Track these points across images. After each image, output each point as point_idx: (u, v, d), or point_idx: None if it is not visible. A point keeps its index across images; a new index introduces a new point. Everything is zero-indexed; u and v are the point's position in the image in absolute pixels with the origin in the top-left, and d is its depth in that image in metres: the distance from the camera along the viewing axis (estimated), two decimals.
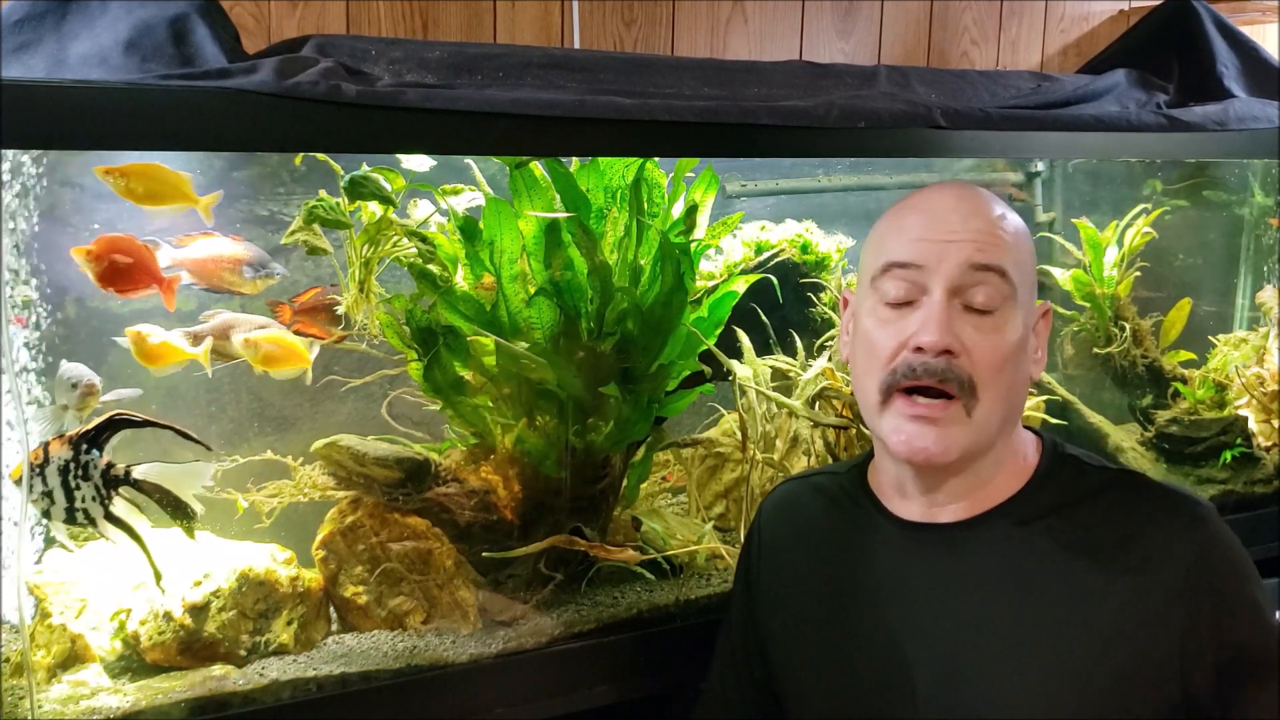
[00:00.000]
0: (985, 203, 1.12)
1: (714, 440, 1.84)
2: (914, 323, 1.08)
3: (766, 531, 1.29)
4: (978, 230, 1.08)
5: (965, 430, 1.08)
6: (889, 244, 1.12)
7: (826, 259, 1.92)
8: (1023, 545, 1.10)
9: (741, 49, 1.94)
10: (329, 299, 1.53)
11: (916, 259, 1.09)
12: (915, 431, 1.08)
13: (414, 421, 1.65)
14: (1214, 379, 2.21)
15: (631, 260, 1.55)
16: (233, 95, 1.15)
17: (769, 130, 1.42)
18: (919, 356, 1.07)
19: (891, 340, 1.10)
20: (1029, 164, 2.29)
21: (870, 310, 1.13)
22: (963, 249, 1.08)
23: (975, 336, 1.07)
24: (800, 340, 1.80)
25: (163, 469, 1.34)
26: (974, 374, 1.07)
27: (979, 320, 1.08)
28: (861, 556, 1.17)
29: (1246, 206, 2.46)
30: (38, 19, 1.25)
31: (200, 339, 1.47)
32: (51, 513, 1.28)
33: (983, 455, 1.11)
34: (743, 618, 1.29)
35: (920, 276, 1.09)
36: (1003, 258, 1.08)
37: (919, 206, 1.13)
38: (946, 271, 1.07)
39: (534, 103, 1.28)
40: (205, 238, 1.45)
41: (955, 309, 1.08)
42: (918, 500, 1.15)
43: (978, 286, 1.08)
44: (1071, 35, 2.29)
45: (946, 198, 1.12)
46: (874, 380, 1.11)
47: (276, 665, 1.37)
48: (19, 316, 1.43)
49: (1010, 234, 1.10)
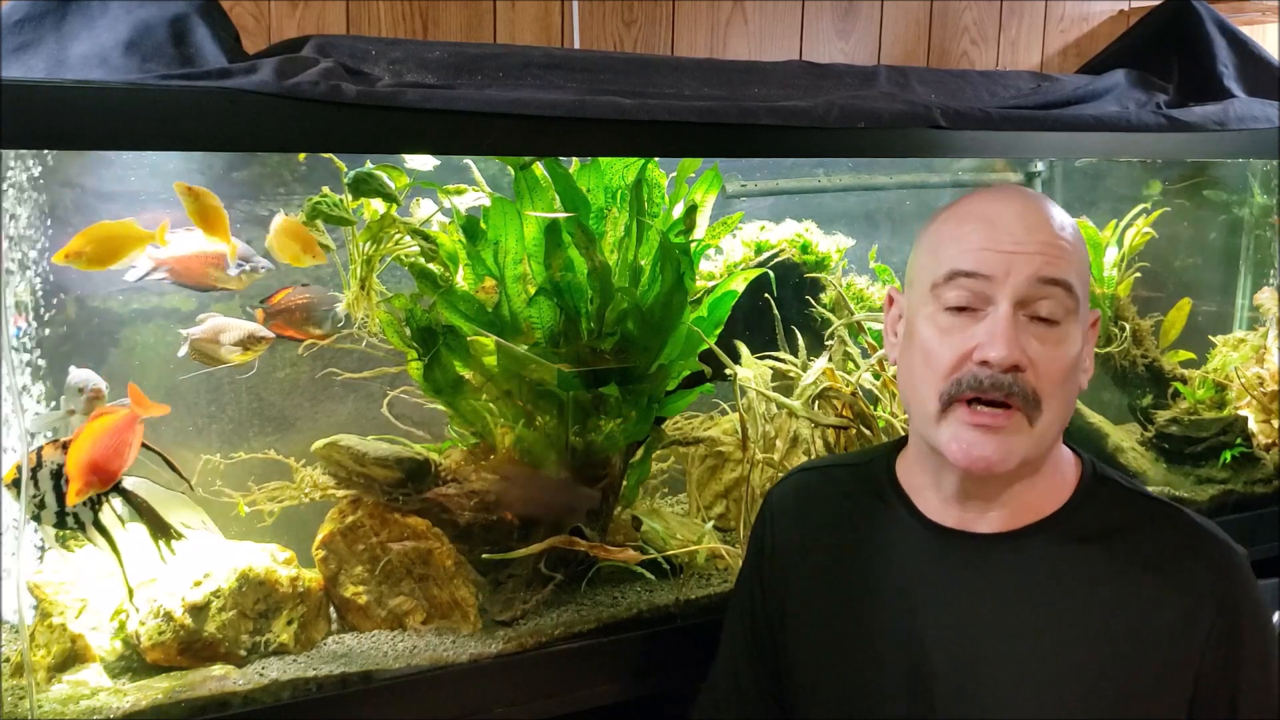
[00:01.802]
0: (1048, 212, 1.10)
1: (714, 439, 1.84)
2: (978, 334, 1.06)
3: (779, 519, 1.27)
4: (1044, 242, 1.07)
5: (1026, 440, 1.07)
6: (950, 251, 1.09)
7: (826, 259, 1.92)
8: (1056, 564, 1.09)
9: (741, 49, 1.94)
10: (301, 299, 1.52)
11: (983, 269, 1.06)
12: (975, 439, 1.06)
13: (414, 421, 1.65)
14: (1214, 379, 2.21)
15: (631, 260, 1.55)
16: (233, 95, 1.15)
17: (769, 130, 1.42)
18: (985, 370, 1.05)
19: (954, 351, 1.07)
20: (1029, 164, 2.29)
21: (929, 317, 1.11)
22: (1030, 261, 1.06)
23: (1040, 349, 1.06)
24: (801, 339, 1.80)
25: (151, 487, 1.34)
26: (1038, 386, 1.06)
27: (1043, 332, 1.07)
28: (885, 554, 1.16)
29: (1246, 206, 2.46)
30: (38, 19, 1.25)
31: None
32: (42, 516, 1.29)
33: (1037, 469, 1.11)
34: (754, 604, 1.27)
35: (986, 287, 1.06)
36: (1068, 271, 1.07)
37: (981, 214, 1.10)
38: (1014, 284, 1.05)
39: (534, 103, 1.28)
40: (188, 233, 1.43)
41: (1020, 321, 1.06)
42: (954, 504, 1.14)
43: (1043, 300, 1.06)
44: (1071, 35, 2.29)
45: (1012, 205, 1.10)
46: (933, 389, 1.09)
47: (276, 665, 1.37)
48: (18, 315, 1.43)
49: (1071, 244, 1.09)
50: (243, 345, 1.46)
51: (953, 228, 1.11)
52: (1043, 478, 1.12)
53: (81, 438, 1.28)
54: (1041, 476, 1.12)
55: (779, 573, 1.25)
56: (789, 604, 1.23)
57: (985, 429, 1.06)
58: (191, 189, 1.37)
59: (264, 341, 1.48)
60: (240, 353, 1.46)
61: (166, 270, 1.42)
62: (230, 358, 1.47)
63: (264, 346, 1.49)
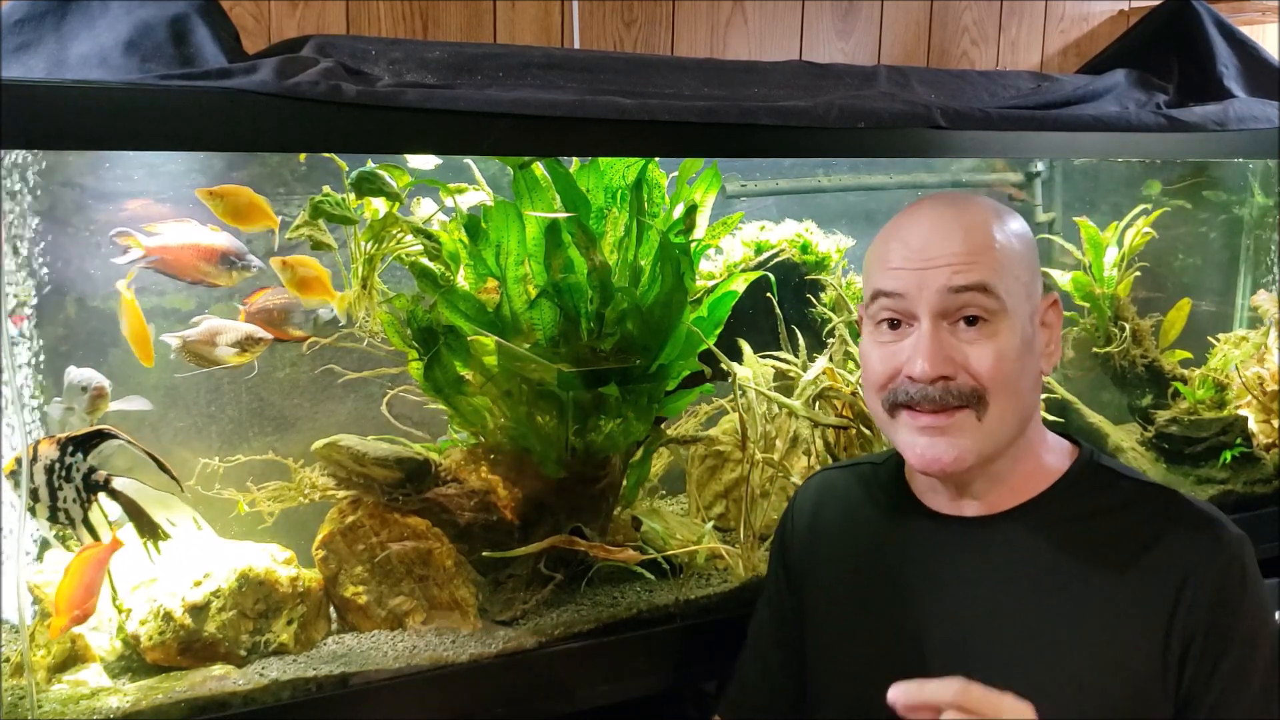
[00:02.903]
0: (963, 218, 1.11)
1: (714, 439, 1.84)
2: (906, 348, 1.10)
3: (800, 514, 1.32)
4: (953, 252, 1.09)
5: (977, 436, 1.09)
6: (875, 271, 1.15)
7: (826, 259, 1.92)
8: (1044, 543, 1.11)
9: (741, 49, 1.94)
10: (280, 299, 1.51)
11: (898, 288, 1.11)
12: (927, 444, 1.10)
13: (414, 421, 1.65)
14: (1214, 378, 2.21)
15: (631, 260, 1.55)
16: (233, 95, 1.15)
17: (769, 130, 1.42)
18: (913, 384, 1.09)
19: (886, 365, 1.13)
20: (1029, 164, 2.29)
21: (869, 334, 1.16)
22: (940, 274, 1.08)
23: (971, 351, 1.09)
24: (802, 338, 1.79)
25: (140, 487, 1.35)
26: (976, 385, 1.08)
27: (973, 333, 1.09)
28: (892, 543, 1.20)
29: (1246, 207, 2.46)
30: (38, 19, 1.25)
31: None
32: (35, 510, 1.29)
33: (1000, 456, 1.13)
34: (780, 595, 1.32)
35: (904, 305, 1.10)
36: (983, 274, 1.08)
37: (897, 233, 1.14)
38: (928, 299, 1.09)
39: (534, 103, 1.28)
40: (179, 224, 1.42)
41: (945, 330, 1.09)
42: (944, 494, 1.18)
43: (965, 306, 1.09)
44: (1071, 35, 2.29)
45: (922, 221, 1.13)
46: (875, 399, 1.15)
47: (276, 665, 1.37)
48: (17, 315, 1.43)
49: (985, 243, 1.10)
50: (241, 347, 1.46)
51: (878, 247, 1.16)
52: (1018, 464, 1.14)
53: (68, 574, 1.30)
54: (1018, 462, 1.14)
55: (798, 565, 1.30)
56: (806, 594, 1.27)
57: (934, 431, 1.10)
58: (213, 192, 1.38)
59: (262, 343, 1.48)
60: (238, 354, 1.46)
61: (157, 259, 1.41)
62: (228, 360, 1.46)
63: (262, 348, 1.49)
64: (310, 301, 1.49)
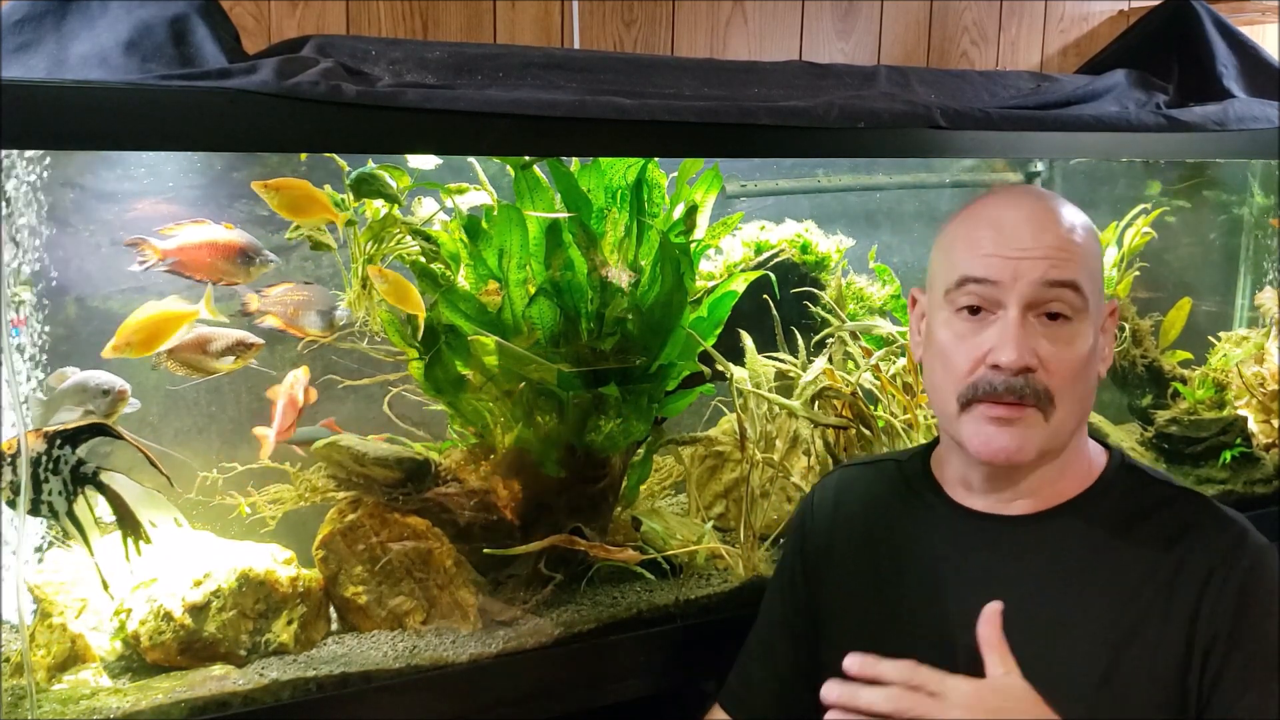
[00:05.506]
0: (1058, 213, 1.13)
1: (713, 439, 1.84)
2: (990, 337, 1.10)
3: (819, 507, 1.32)
4: (1051, 245, 1.09)
5: (1042, 433, 1.10)
6: (962, 256, 1.13)
7: (826, 259, 1.92)
8: (1081, 542, 1.13)
9: (741, 49, 1.94)
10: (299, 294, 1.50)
11: (991, 275, 1.10)
12: (994, 433, 1.10)
13: (414, 421, 1.65)
14: (1214, 378, 2.21)
15: (632, 260, 1.55)
16: (233, 95, 1.15)
17: (769, 130, 1.42)
18: (998, 374, 1.09)
19: (968, 355, 1.12)
20: (1028, 164, 2.29)
21: (945, 321, 1.15)
22: (1037, 266, 1.09)
23: (1051, 349, 1.09)
24: (801, 338, 1.79)
25: (127, 483, 1.34)
26: (1050, 385, 1.09)
27: (1054, 332, 1.10)
28: (917, 538, 1.21)
29: (1246, 206, 2.46)
30: (38, 19, 1.25)
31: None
32: (15, 504, 1.28)
33: (1056, 456, 1.14)
34: (794, 585, 1.31)
35: (995, 292, 1.10)
36: (1076, 271, 1.10)
37: (991, 218, 1.13)
38: (1021, 289, 1.09)
39: (534, 103, 1.28)
40: (195, 225, 1.41)
41: (1030, 322, 1.10)
42: (982, 495, 1.18)
43: (1052, 301, 1.09)
44: (1071, 35, 2.29)
45: (1020, 209, 1.13)
46: (951, 391, 1.14)
47: (276, 665, 1.37)
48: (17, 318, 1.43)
49: (1081, 243, 1.11)
50: (232, 353, 1.45)
51: (965, 232, 1.15)
52: (1068, 464, 1.16)
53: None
54: (1067, 464, 1.16)
55: (816, 556, 1.30)
56: (824, 586, 1.27)
57: (1002, 422, 1.10)
58: (269, 184, 1.35)
59: (254, 348, 1.47)
60: (230, 361, 1.45)
61: (173, 262, 1.39)
62: (220, 367, 1.45)
63: (254, 353, 1.48)
64: (400, 311, 1.46)
